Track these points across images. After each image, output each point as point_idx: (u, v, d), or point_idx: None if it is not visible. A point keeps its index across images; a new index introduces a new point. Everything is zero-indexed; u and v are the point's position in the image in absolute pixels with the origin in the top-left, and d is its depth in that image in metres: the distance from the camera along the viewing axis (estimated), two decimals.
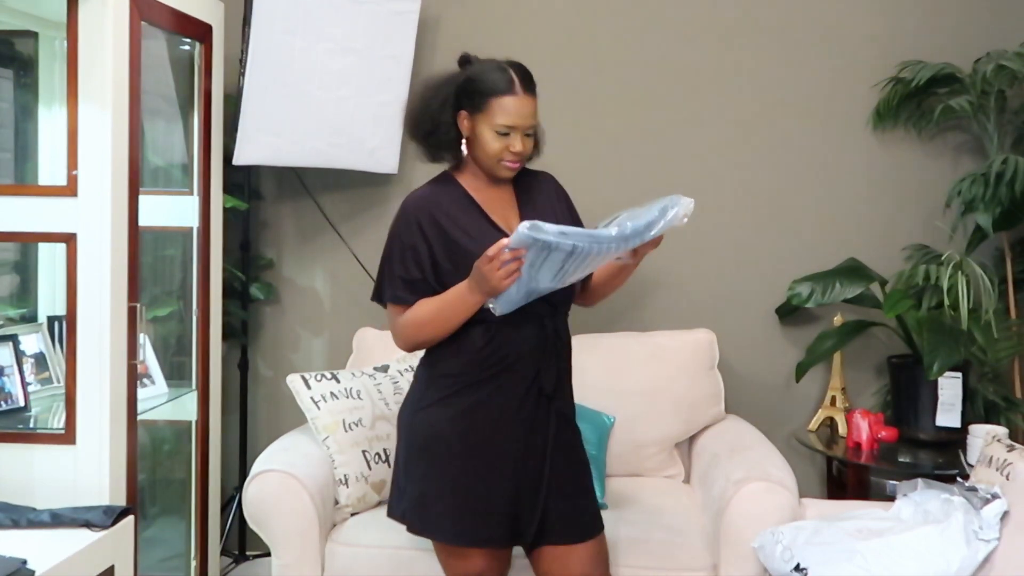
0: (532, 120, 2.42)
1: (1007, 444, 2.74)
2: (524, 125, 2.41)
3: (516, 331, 2.43)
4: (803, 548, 2.61)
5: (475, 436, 2.44)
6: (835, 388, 3.76)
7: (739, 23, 3.93)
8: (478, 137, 2.43)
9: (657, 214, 2.25)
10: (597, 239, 2.19)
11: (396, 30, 3.78)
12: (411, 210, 2.47)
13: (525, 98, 2.40)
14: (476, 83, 2.42)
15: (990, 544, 2.49)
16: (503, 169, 2.46)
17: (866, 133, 3.89)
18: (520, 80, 2.41)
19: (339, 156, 3.80)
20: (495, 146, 2.41)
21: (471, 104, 2.43)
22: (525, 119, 2.40)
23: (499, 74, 2.41)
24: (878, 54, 3.84)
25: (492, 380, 2.43)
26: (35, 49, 3.52)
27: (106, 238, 2.98)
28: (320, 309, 4.17)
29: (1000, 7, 3.81)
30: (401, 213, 2.49)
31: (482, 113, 2.41)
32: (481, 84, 2.41)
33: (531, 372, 2.45)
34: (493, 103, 2.39)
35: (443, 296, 2.38)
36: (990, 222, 3.50)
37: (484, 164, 2.47)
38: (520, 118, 2.40)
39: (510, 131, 2.40)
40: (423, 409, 2.49)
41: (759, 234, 3.95)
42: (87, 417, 2.98)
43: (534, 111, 2.42)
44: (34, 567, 2.45)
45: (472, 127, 2.44)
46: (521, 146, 2.42)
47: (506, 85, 2.39)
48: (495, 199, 2.52)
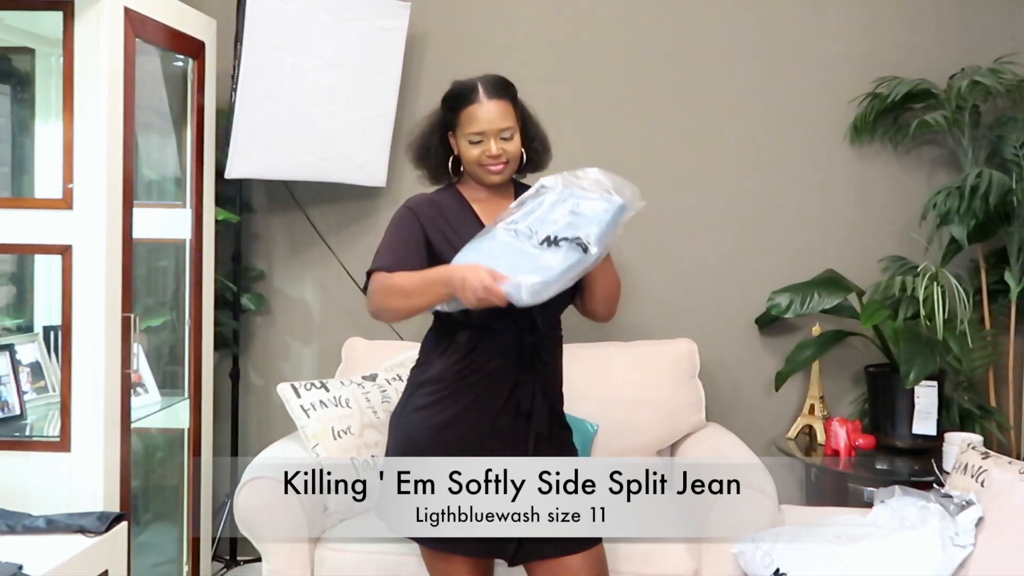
0: (501, 123, 2.46)
1: (982, 452, 2.78)
2: (493, 129, 2.46)
3: (495, 344, 2.44)
4: (782, 553, 2.64)
5: (449, 449, 2.42)
6: (814, 396, 3.80)
7: (719, 41, 3.98)
8: (461, 150, 2.51)
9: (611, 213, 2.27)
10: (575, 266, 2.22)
11: (384, 46, 3.83)
12: (413, 204, 2.54)
13: (490, 103, 2.46)
14: (448, 100, 2.52)
15: (965, 550, 2.53)
16: (487, 174, 2.50)
17: (843, 147, 3.94)
18: (484, 87, 2.48)
19: (329, 170, 3.84)
20: (473, 153, 2.47)
21: (451, 122, 2.51)
22: (493, 123, 2.46)
23: (464, 86, 2.50)
24: (855, 70, 3.90)
25: (470, 391, 2.44)
26: (32, 65, 3.55)
27: (101, 250, 3.01)
28: (310, 319, 4.21)
29: (974, 25, 3.88)
30: (403, 207, 2.55)
31: (458, 127, 2.49)
32: (452, 101, 2.50)
33: (507, 388, 2.44)
34: (462, 115, 2.47)
35: (422, 272, 2.37)
36: (965, 234, 3.56)
37: (472, 173, 2.53)
38: (487, 123, 2.45)
39: (482, 137, 2.46)
40: (406, 415, 2.50)
41: (739, 246, 3.99)
42: (82, 425, 3.01)
43: (503, 114, 2.47)
44: (30, 572, 2.48)
45: (456, 143, 2.52)
46: (496, 148, 2.46)
47: (470, 95, 2.47)
48: (494, 210, 2.51)
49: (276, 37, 3.59)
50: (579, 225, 2.26)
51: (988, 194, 3.47)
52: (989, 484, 2.62)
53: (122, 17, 3.04)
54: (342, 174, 3.88)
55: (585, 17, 4.03)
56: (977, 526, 2.56)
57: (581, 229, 2.24)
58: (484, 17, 4.07)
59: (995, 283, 3.75)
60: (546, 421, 2.49)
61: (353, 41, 3.75)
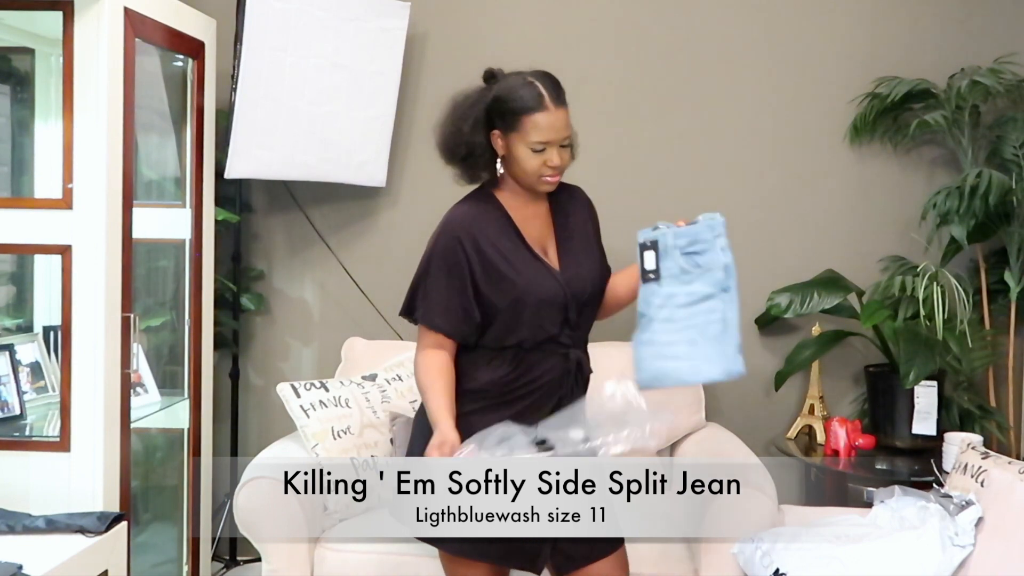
0: (566, 132, 2.35)
1: (981, 452, 2.79)
2: (559, 138, 2.34)
3: (542, 361, 2.40)
4: (782, 554, 2.64)
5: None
6: (813, 396, 3.81)
7: (718, 41, 3.99)
8: (514, 156, 2.36)
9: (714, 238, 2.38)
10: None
11: (384, 46, 3.84)
12: (455, 229, 2.38)
13: (557, 112, 2.33)
14: (506, 102, 2.34)
15: (965, 550, 2.53)
16: (543, 184, 2.39)
17: (843, 147, 3.95)
18: (549, 93, 2.33)
19: (328, 170, 3.85)
20: (533, 163, 2.34)
21: (503, 123, 2.35)
22: (559, 132, 2.33)
23: (528, 90, 2.33)
24: (855, 70, 3.91)
25: (510, 406, 2.38)
26: (32, 65, 3.55)
27: (100, 250, 3.01)
28: (309, 319, 4.21)
29: (974, 25, 3.88)
30: (443, 231, 2.40)
31: (516, 132, 2.34)
32: (511, 103, 2.33)
33: (550, 402, 2.40)
34: (525, 121, 2.32)
35: (433, 402, 2.34)
36: (965, 234, 3.57)
37: (523, 181, 2.40)
38: (554, 132, 2.33)
39: (545, 146, 2.33)
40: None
41: (739, 246, 3.88)
42: (81, 425, 3.01)
43: (567, 122, 2.35)
44: (29, 572, 2.49)
45: (507, 146, 2.37)
46: (559, 159, 2.35)
47: (536, 101, 2.32)
48: (532, 218, 2.46)
49: (276, 37, 3.60)
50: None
51: (988, 194, 3.48)
52: (989, 484, 2.62)
53: (122, 17, 3.04)
54: (342, 174, 3.89)
55: (585, 17, 4.03)
56: (977, 526, 2.56)
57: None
58: (484, 17, 4.08)
59: (995, 283, 3.75)
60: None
61: (353, 41, 3.76)
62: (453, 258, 2.36)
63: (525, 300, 2.36)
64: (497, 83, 2.40)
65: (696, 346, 2.29)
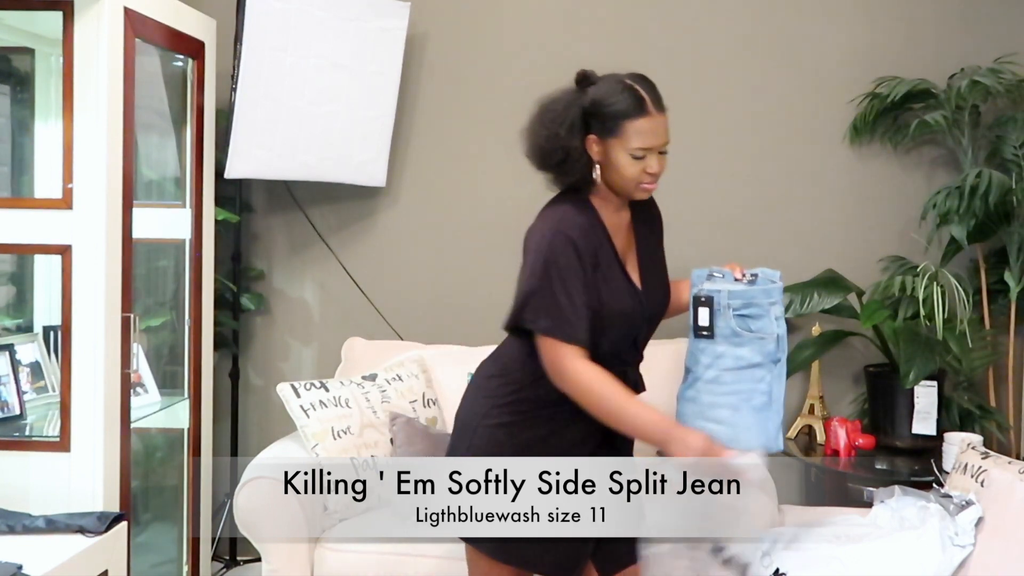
0: (666, 138, 2.28)
1: (981, 452, 2.80)
2: (659, 144, 2.27)
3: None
4: (782, 554, 2.64)
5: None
6: (813, 396, 3.81)
7: (719, 41, 3.99)
8: (612, 162, 2.28)
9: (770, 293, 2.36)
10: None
11: (384, 46, 3.84)
12: (567, 230, 2.27)
13: (659, 117, 2.27)
14: (606, 106, 2.27)
15: (965, 550, 2.54)
16: (640, 192, 2.32)
17: (843, 147, 3.95)
18: (651, 98, 2.27)
19: (328, 170, 3.85)
20: (632, 170, 2.27)
21: (602, 128, 2.28)
22: (660, 138, 2.27)
23: (628, 94, 2.27)
24: (855, 70, 3.91)
25: (564, 417, 2.34)
26: (32, 65, 3.55)
27: (100, 250, 3.01)
28: (309, 319, 4.21)
29: (974, 25, 3.88)
30: (554, 234, 2.27)
31: (615, 138, 2.26)
32: (611, 107, 2.27)
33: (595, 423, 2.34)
34: (627, 126, 2.25)
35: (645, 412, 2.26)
36: (965, 234, 3.56)
37: (620, 188, 2.32)
38: (655, 138, 2.26)
39: (646, 153, 2.26)
40: (488, 426, 2.38)
41: (739, 246, 3.99)
42: (81, 425, 3.01)
43: (667, 128, 2.29)
44: (29, 572, 2.49)
45: (604, 151, 2.29)
46: (658, 166, 2.28)
47: (638, 106, 2.26)
48: (619, 228, 2.39)
49: (276, 37, 3.60)
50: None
51: (988, 194, 3.48)
52: (989, 484, 2.63)
53: (122, 17, 3.05)
54: (342, 174, 3.89)
55: (584, 17, 4.04)
56: (977, 526, 2.57)
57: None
58: (484, 17, 4.08)
59: (995, 283, 3.75)
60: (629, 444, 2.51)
61: (353, 41, 3.76)
62: (572, 260, 2.25)
63: (610, 316, 2.30)
64: (592, 86, 2.33)
65: (738, 413, 2.29)
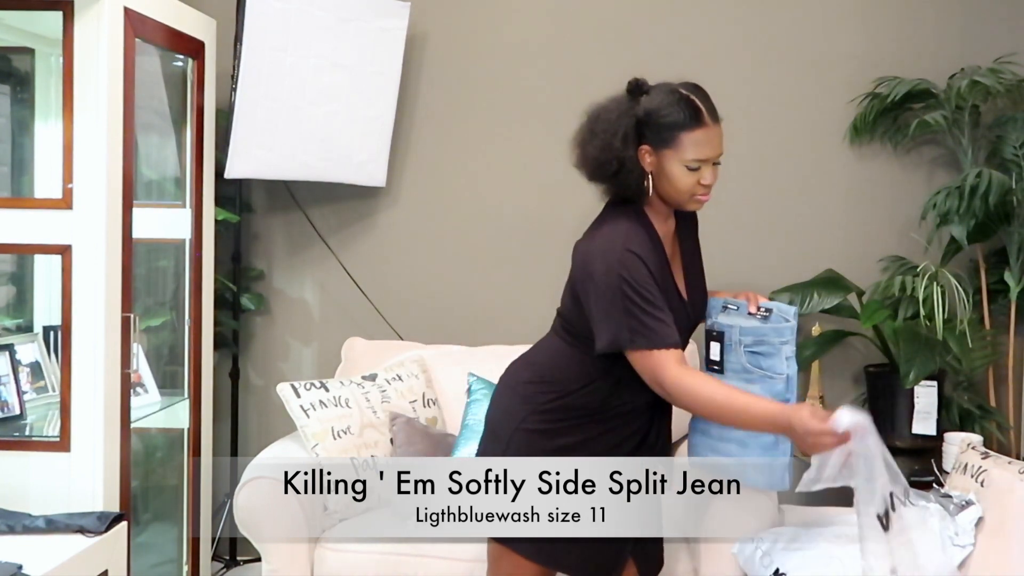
0: (721, 149, 2.27)
1: (981, 452, 2.80)
2: (715, 156, 2.26)
3: (639, 388, 2.30)
4: (782, 554, 2.65)
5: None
6: (813, 397, 3.79)
7: (719, 40, 3.99)
8: (666, 172, 2.27)
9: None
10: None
11: (384, 46, 3.84)
12: (630, 245, 2.25)
13: (715, 128, 2.25)
14: (661, 117, 2.26)
15: (965, 550, 2.54)
16: (693, 203, 2.31)
17: (843, 147, 3.95)
18: (707, 109, 2.26)
19: (328, 170, 3.85)
20: (687, 181, 2.26)
21: (656, 139, 2.26)
22: (715, 149, 2.26)
23: (684, 105, 2.26)
24: (855, 70, 3.90)
25: (603, 424, 2.38)
26: (32, 65, 3.55)
27: (100, 250, 3.01)
28: (309, 319, 4.21)
29: (974, 25, 3.88)
30: (627, 257, 2.24)
31: (670, 148, 2.25)
32: (667, 118, 2.25)
33: (636, 425, 2.40)
34: (683, 137, 2.24)
35: (757, 403, 2.21)
36: (965, 234, 3.56)
37: (673, 199, 2.31)
38: (711, 149, 2.25)
39: (701, 164, 2.25)
40: (526, 431, 2.40)
41: (739, 246, 3.99)
42: (81, 425, 3.01)
43: (722, 139, 2.27)
44: (29, 572, 2.49)
45: (658, 162, 2.27)
46: (712, 177, 2.27)
47: (694, 117, 2.24)
48: (666, 237, 2.39)
49: (276, 37, 3.60)
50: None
51: (988, 194, 3.47)
52: (989, 484, 2.63)
53: (122, 17, 3.05)
54: (342, 174, 3.89)
55: (584, 16, 4.03)
56: (977, 526, 2.57)
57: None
58: (484, 17, 4.08)
59: (995, 283, 3.74)
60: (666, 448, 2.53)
61: (353, 41, 3.76)
62: (645, 275, 2.23)
63: None
64: (645, 95, 2.31)
65: (746, 449, 2.34)
